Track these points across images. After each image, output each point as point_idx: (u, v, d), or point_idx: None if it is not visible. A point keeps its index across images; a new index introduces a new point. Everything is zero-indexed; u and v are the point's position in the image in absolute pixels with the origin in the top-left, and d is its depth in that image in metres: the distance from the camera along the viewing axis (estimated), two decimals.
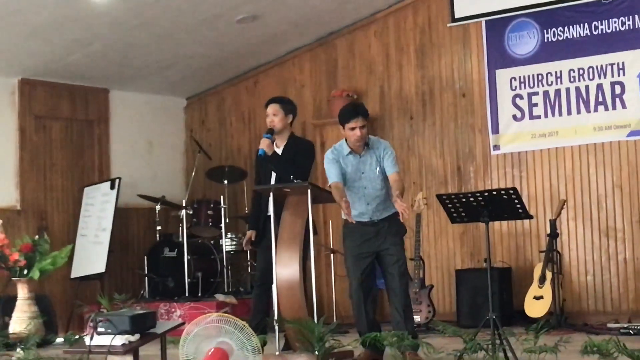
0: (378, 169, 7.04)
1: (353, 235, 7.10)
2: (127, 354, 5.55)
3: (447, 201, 6.75)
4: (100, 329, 5.57)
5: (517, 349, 6.32)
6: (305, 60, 11.37)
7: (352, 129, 6.97)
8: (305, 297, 7.19)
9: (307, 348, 6.87)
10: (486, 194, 6.62)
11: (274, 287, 7.33)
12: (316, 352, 6.77)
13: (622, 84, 9.36)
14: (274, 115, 7.77)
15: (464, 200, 6.68)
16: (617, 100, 9.39)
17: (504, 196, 6.57)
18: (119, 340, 5.51)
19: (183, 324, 5.99)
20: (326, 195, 7.31)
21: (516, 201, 6.57)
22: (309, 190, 7.16)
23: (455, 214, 6.81)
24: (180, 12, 9.56)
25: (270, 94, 11.43)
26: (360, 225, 7.01)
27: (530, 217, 6.88)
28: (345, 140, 7.10)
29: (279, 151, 7.73)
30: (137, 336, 5.59)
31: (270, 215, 7.52)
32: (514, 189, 6.62)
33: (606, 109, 9.45)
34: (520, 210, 6.63)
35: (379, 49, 10.81)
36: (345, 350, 7.11)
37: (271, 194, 7.41)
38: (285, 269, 7.22)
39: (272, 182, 7.73)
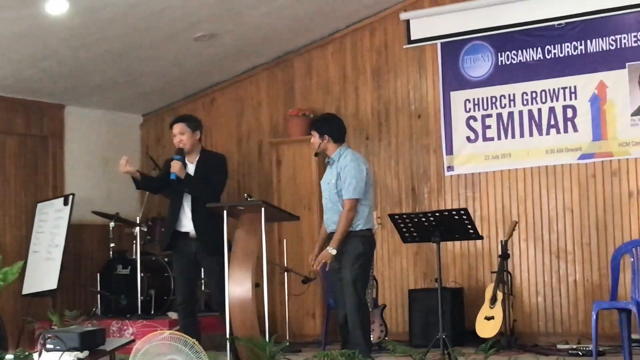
0: (334, 181, 7.20)
1: None
2: None
3: (399, 221, 6.82)
4: (49, 346, 5.53)
5: None
6: (263, 79, 11.41)
7: None
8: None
9: None
10: (437, 214, 6.70)
11: (226, 305, 7.35)
12: None
13: (573, 108, 9.50)
14: (181, 135, 7.76)
15: (416, 220, 6.75)
16: (569, 123, 9.52)
17: (455, 216, 6.65)
18: (68, 357, 5.46)
19: (133, 341, 5.97)
20: (281, 214, 7.35)
21: (467, 222, 6.65)
22: (262, 209, 7.20)
23: (407, 234, 6.88)
24: (137, 28, 9.56)
25: (227, 111, 11.56)
26: None
27: (480, 237, 6.97)
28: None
29: (192, 168, 7.71)
30: (86, 353, 5.55)
31: (185, 232, 7.63)
32: (465, 209, 6.71)
33: (558, 132, 9.57)
34: (471, 231, 6.71)
35: (336, 69, 10.88)
36: None
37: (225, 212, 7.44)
38: (238, 287, 7.25)
39: (187, 202, 7.68)
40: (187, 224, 7.64)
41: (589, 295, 9.32)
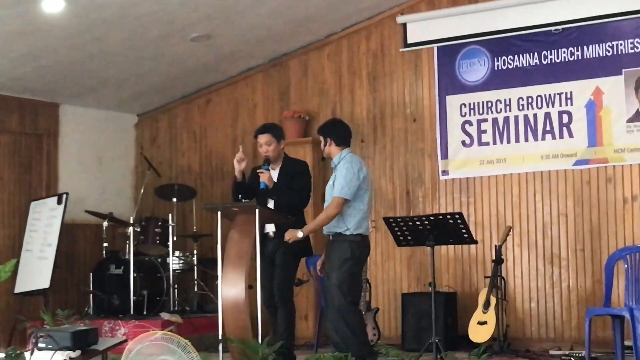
0: (332, 184, 7.20)
1: None
2: None
3: (394, 224, 6.81)
4: (41, 345, 5.51)
5: None
6: (258, 80, 11.40)
7: None
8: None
9: None
10: (432, 218, 6.69)
11: (219, 306, 7.33)
12: None
13: (569, 114, 9.50)
14: (267, 145, 7.63)
15: (411, 224, 6.74)
16: (565, 129, 9.52)
17: (450, 221, 6.64)
18: (60, 356, 5.45)
19: (125, 341, 5.95)
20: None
21: (461, 226, 6.64)
22: (256, 211, 7.17)
23: (401, 237, 6.86)
24: (134, 28, 9.54)
25: (223, 112, 11.55)
26: None
27: (475, 242, 6.95)
28: None
29: (275, 175, 7.63)
30: (78, 352, 5.54)
31: (267, 233, 7.53)
32: (460, 213, 6.69)
33: (553, 137, 9.57)
34: (465, 235, 6.70)
35: (331, 72, 10.87)
36: None
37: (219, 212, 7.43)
38: (231, 288, 7.23)
39: (270, 206, 7.64)
40: (269, 226, 7.57)
41: (582, 302, 9.31)
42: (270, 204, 7.55)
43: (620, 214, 9.22)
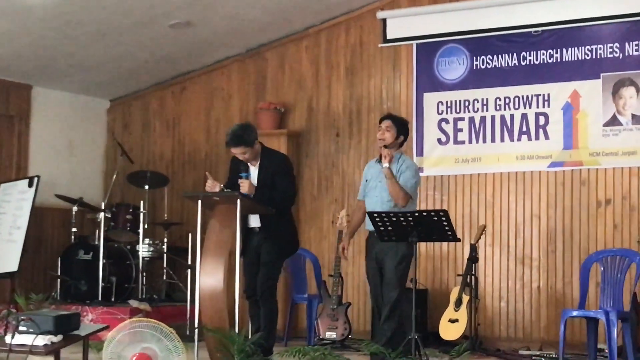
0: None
1: None
2: (48, 355, 5.41)
3: (378, 219, 6.78)
4: (22, 328, 5.43)
5: None
6: (234, 70, 11.34)
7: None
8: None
9: (227, 359, 6.83)
10: (417, 214, 6.68)
11: (196, 296, 7.27)
12: None
13: (546, 115, 9.55)
14: (242, 155, 7.38)
15: (395, 219, 6.72)
16: (541, 130, 9.57)
17: (434, 218, 6.63)
18: (41, 340, 5.37)
19: (107, 327, 5.88)
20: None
21: (445, 223, 6.64)
22: (237, 201, 7.12)
23: (384, 233, 6.85)
24: (113, 12, 9.43)
25: (197, 101, 11.47)
26: None
27: (457, 239, 6.96)
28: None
29: (255, 172, 7.53)
30: (60, 337, 5.47)
31: (252, 228, 7.44)
32: (445, 211, 6.70)
33: (529, 138, 9.61)
34: (448, 233, 6.70)
35: (309, 65, 10.84)
36: None
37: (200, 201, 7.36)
38: (209, 278, 7.17)
39: None
40: (254, 221, 7.46)
41: (552, 303, 9.37)
42: None
43: (593, 217, 9.28)
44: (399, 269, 7.15)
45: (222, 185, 7.42)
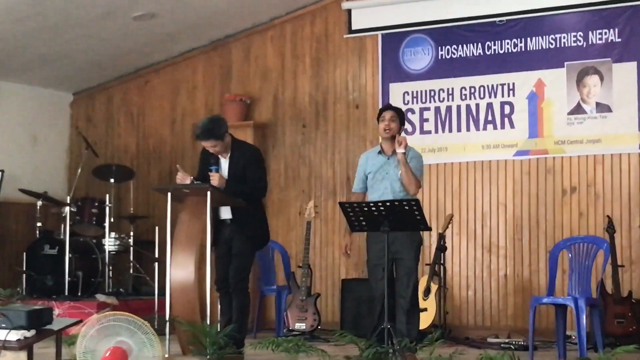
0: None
1: None
2: (22, 350, 5.37)
3: (349, 209, 6.78)
4: None
5: None
6: (199, 62, 11.29)
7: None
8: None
9: (199, 352, 6.83)
10: (388, 204, 6.68)
11: (167, 288, 7.24)
12: (208, 356, 6.74)
13: (511, 105, 9.61)
14: (213, 148, 7.32)
15: (366, 209, 6.73)
16: (506, 120, 9.63)
17: (406, 207, 6.64)
18: (14, 335, 5.33)
19: (80, 321, 5.84)
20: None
21: (417, 212, 6.65)
22: (208, 193, 7.09)
23: (356, 223, 6.85)
24: (76, 4, 9.36)
25: (162, 93, 11.41)
26: None
27: (429, 228, 6.98)
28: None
29: (226, 165, 7.47)
30: (32, 332, 5.43)
31: (223, 220, 7.39)
32: (416, 200, 6.72)
33: (495, 127, 9.68)
34: (420, 222, 6.71)
35: (274, 56, 10.82)
36: (237, 355, 7.07)
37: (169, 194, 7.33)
38: (180, 270, 7.15)
39: None
40: (225, 213, 7.40)
41: (518, 291, 9.45)
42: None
43: (559, 205, 9.37)
44: (417, 257, 7.24)
45: (192, 177, 7.37)
